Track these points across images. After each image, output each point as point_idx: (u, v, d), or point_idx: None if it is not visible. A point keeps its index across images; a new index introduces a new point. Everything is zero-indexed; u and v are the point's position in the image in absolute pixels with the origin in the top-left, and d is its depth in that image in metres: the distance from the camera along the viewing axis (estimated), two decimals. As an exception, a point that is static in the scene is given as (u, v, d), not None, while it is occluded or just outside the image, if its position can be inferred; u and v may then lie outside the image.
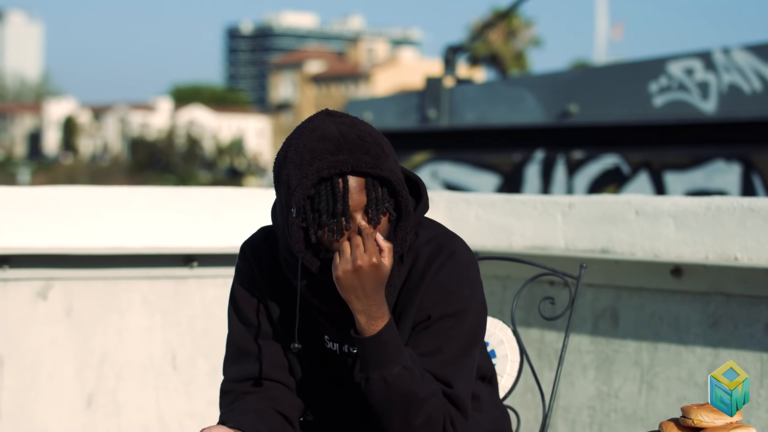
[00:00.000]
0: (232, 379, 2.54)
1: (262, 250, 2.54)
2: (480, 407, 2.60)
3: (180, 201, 4.35)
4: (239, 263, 2.58)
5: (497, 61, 56.23)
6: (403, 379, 2.34)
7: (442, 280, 2.45)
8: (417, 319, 2.44)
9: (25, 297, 4.10)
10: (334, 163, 2.34)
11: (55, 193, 4.18)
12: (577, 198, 4.13)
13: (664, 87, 10.65)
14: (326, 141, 2.36)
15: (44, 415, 4.12)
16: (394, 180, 2.37)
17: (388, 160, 2.38)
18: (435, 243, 2.48)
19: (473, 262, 2.51)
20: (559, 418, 4.12)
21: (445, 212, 4.43)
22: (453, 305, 2.44)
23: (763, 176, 10.20)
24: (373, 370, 2.34)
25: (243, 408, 2.48)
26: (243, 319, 2.54)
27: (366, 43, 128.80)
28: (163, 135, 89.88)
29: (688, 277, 3.79)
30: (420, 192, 2.51)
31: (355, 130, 2.38)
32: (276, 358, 2.51)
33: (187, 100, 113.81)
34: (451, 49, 13.08)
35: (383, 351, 2.33)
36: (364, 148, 2.36)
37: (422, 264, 2.46)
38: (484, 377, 2.63)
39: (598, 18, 66.64)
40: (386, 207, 2.39)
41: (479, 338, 2.50)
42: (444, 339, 2.43)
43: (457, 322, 2.44)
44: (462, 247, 2.50)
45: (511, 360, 2.90)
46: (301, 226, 2.38)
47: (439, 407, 2.40)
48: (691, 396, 3.78)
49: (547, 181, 11.55)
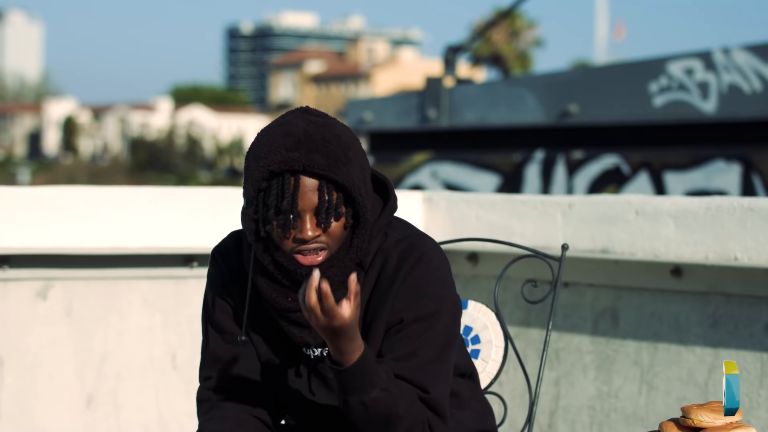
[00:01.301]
0: (208, 386, 2.52)
1: (233, 253, 2.52)
2: (461, 404, 2.57)
3: (180, 201, 4.35)
4: (210, 269, 2.55)
5: (500, 61, 56.26)
6: (383, 401, 2.31)
7: (414, 283, 2.41)
8: (390, 323, 2.41)
9: (25, 297, 4.10)
10: (287, 159, 2.31)
11: (55, 193, 4.18)
12: (577, 198, 4.13)
13: (664, 87, 10.65)
14: (288, 137, 2.33)
15: (44, 415, 4.12)
16: (349, 186, 2.33)
17: (348, 165, 2.34)
18: (405, 244, 2.44)
19: (444, 263, 2.47)
20: (559, 418, 4.12)
21: (445, 212, 4.43)
22: (426, 307, 2.41)
23: (763, 176, 10.20)
24: (351, 395, 2.30)
25: (221, 416, 2.46)
26: (216, 326, 2.51)
27: (366, 43, 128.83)
28: (163, 135, 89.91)
29: (688, 277, 3.79)
30: (388, 193, 2.48)
31: (323, 131, 2.35)
32: (251, 364, 2.49)
33: (187, 100, 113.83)
34: (451, 49, 13.08)
35: (361, 378, 2.29)
36: (324, 150, 2.32)
37: (392, 266, 2.42)
38: (464, 374, 2.60)
39: (598, 18, 66.68)
40: (339, 212, 2.34)
41: (454, 339, 2.46)
42: (418, 342, 2.39)
43: (431, 325, 2.40)
44: (433, 248, 2.46)
45: (496, 345, 2.85)
46: (252, 218, 2.37)
47: (418, 415, 2.37)
48: (691, 396, 3.78)
49: (547, 181, 11.56)
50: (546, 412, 4.14)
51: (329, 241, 2.36)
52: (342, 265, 2.38)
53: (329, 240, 2.36)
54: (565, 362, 4.11)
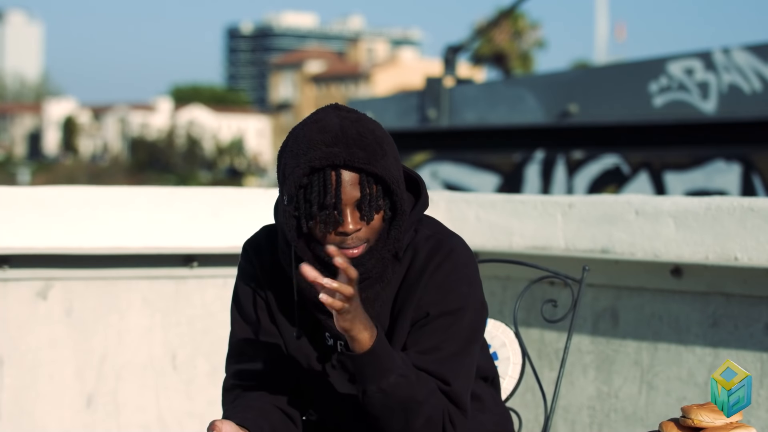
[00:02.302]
0: (235, 376, 2.55)
1: (264, 248, 2.55)
2: (483, 408, 2.60)
3: (180, 201, 4.35)
4: (242, 261, 2.58)
5: (502, 61, 56.28)
6: (401, 386, 2.34)
7: (441, 278, 2.45)
8: (416, 316, 2.44)
9: (25, 297, 4.10)
10: (328, 154, 2.34)
11: (55, 193, 4.18)
12: (577, 198, 4.13)
13: (664, 87, 10.65)
14: (325, 133, 2.36)
15: (44, 415, 4.12)
16: (388, 178, 2.37)
17: (385, 158, 2.38)
18: (434, 240, 2.48)
19: (472, 260, 2.51)
20: (559, 418, 4.12)
21: (445, 212, 4.43)
22: (452, 303, 2.44)
23: (763, 176, 10.20)
24: (370, 382, 2.33)
25: (246, 405, 2.48)
26: (245, 317, 2.54)
27: (366, 43, 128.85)
28: (163, 135, 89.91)
29: (688, 277, 3.79)
30: (420, 190, 2.51)
31: (357, 126, 2.39)
32: (278, 356, 2.52)
33: (187, 100, 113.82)
34: (451, 49, 13.08)
35: (378, 363, 2.32)
36: (361, 144, 2.36)
37: (421, 261, 2.46)
38: (486, 378, 2.63)
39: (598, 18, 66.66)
40: (379, 204, 2.38)
41: (478, 336, 2.50)
42: (443, 337, 2.43)
43: (456, 320, 2.44)
44: (461, 245, 2.50)
45: (513, 362, 2.90)
46: (293, 215, 2.39)
47: (437, 406, 2.39)
48: (691, 396, 3.78)
49: (547, 181, 11.56)
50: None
51: (369, 235, 2.40)
52: (380, 256, 2.42)
53: (369, 233, 2.40)
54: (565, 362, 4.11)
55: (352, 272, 2.24)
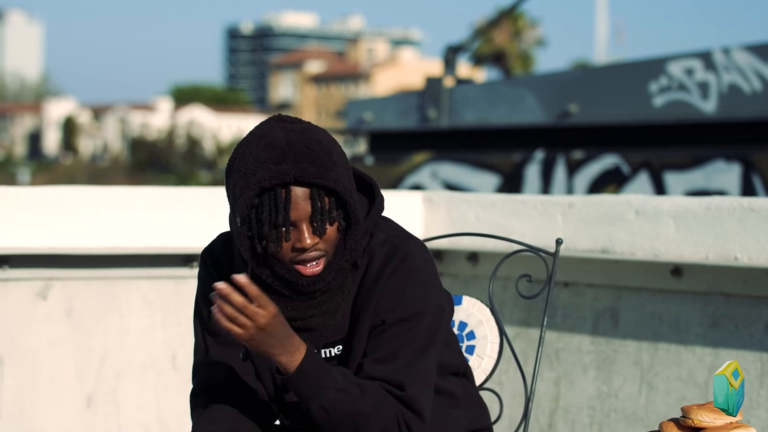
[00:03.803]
0: (202, 387, 2.52)
1: (221, 256, 2.53)
2: (455, 403, 2.58)
3: (180, 201, 4.35)
4: (200, 271, 2.56)
5: (502, 61, 56.28)
6: (341, 401, 2.32)
7: (396, 285, 2.42)
8: (373, 323, 2.42)
9: (25, 297, 4.10)
10: (277, 173, 2.31)
11: (55, 193, 4.18)
12: (577, 198, 4.13)
13: (664, 87, 10.65)
14: (271, 149, 2.33)
15: (44, 415, 4.12)
16: (339, 190, 2.34)
17: (335, 168, 2.35)
18: (389, 245, 2.45)
19: (429, 264, 2.48)
20: (559, 418, 4.12)
21: (445, 212, 4.43)
22: (407, 309, 2.42)
23: (763, 176, 10.20)
24: (310, 401, 2.32)
25: (214, 416, 2.46)
26: (207, 328, 2.51)
27: (366, 43, 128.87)
28: (163, 135, 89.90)
29: (688, 277, 3.79)
30: (374, 193, 2.49)
31: (303, 138, 2.35)
32: (244, 365, 2.49)
33: (187, 100, 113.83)
34: (451, 49, 13.08)
35: (312, 381, 2.30)
36: (310, 157, 2.33)
37: (376, 267, 2.43)
38: (457, 372, 2.61)
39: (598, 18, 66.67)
40: (333, 216, 2.36)
41: (435, 340, 2.46)
42: (399, 344, 2.40)
43: (412, 326, 2.41)
44: (417, 249, 2.47)
45: (491, 341, 2.85)
46: (247, 235, 2.36)
47: (390, 414, 2.37)
48: (691, 396, 3.78)
49: (547, 181, 11.55)
50: (546, 412, 4.15)
51: (326, 247, 2.37)
52: (339, 268, 2.40)
53: (326, 245, 2.37)
54: (565, 362, 4.11)
55: (253, 290, 2.24)
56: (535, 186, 11.61)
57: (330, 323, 2.43)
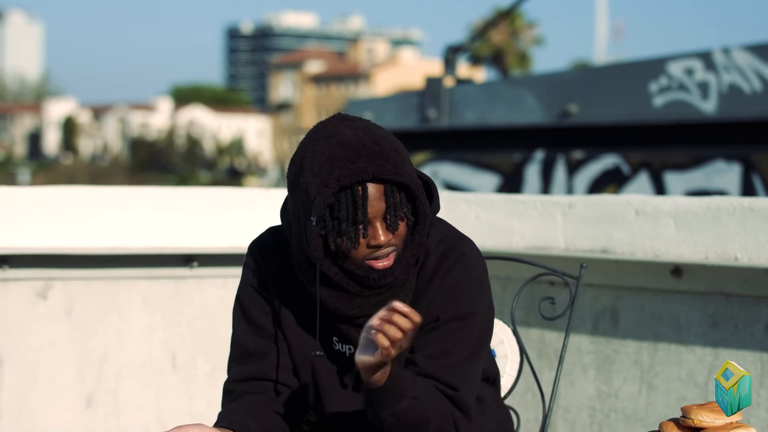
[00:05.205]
0: (235, 378, 2.53)
1: (271, 250, 2.53)
2: (484, 409, 2.59)
3: (180, 201, 4.35)
4: (247, 262, 2.56)
5: (500, 61, 56.30)
6: (414, 409, 2.32)
7: (451, 283, 2.44)
8: (425, 320, 2.42)
9: (25, 297, 4.10)
10: (355, 171, 2.31)
11: (55, 193, 4.18)
12: (577, 198, 4.13)
13: (664, 87, 10.65)
14: (344, 147, 2.33)
15: (44, 415, 4.12)
16: (412, 185, 2.36)
17: (406, 165, 2.37)
18: (445, 244, 2.47)
19: (482, 264, 2.50)
20: (559, 418, 4.12)
21: (445, 212, 4.43)
22: (462, 308, 2.43)
23: (763, 176, 10.20)
24: (383, 408, 2.30)
25: (238, 407, 2.47)
26: (249, 319, 2.52)
27: (366, 43, 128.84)
28: (163, 135, 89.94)
29: (688, 277, 3.79)
30: (431, 192, 2.50)
31: (371, 136, 2.36)
32: (280, 360, 2.50)
33: (187, 100, 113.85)
34: (451, 49, 13.08)
35: (392, 392, 2.30)
36: (383, 155, 2.34)
37: (432, 265, 2.45)
38: (488, 378, 2.63)
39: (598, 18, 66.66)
40: (404, 212, 2.37)
41: (487, 341, 2.49)
42: (452, 342, 2.42)
43: (466, 325, 2.43)
44: (472, 249, 2.49)
45: (511, 360, 2.90)
46: (320, 233, 2.35)
47: (446, 416, 2.39)
48: (691, 396, 3.78)
49: (547, 181, 11.55)
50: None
51: (397, 242, 2.38)
52: (406, 262, 2.42)
53: (397, 240, 2.38)
54: (565, 362, 4.11)
55: (416, 318, 2.19)
56: (535, 186, 11.60)
57: None
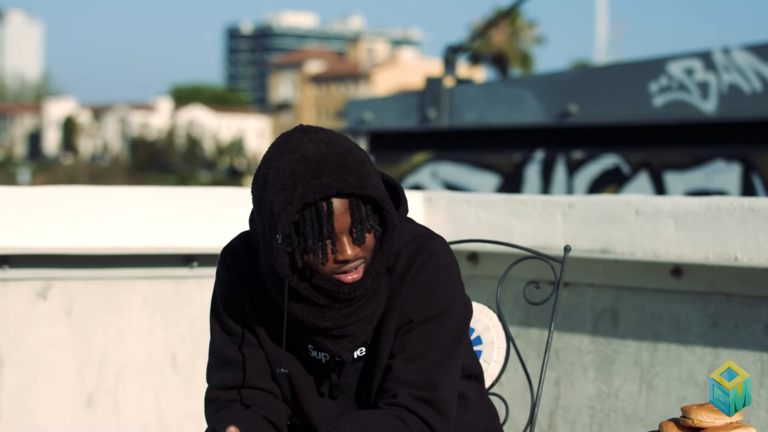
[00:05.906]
0: (217, 387, 2.52)
1: (242, 256, 2.50)
2: (468, 407, 2.58)
3: (180, 201, 4.35)
4: (219, 270, 2.53)
5: (500, 61, 56.30)
6: None
7: (422, 283, 2.42)
8: (399, 323, 2.42)
9: (25, 297, 4.10)
10: (318, 187, 2.28)
11: (55, 193, 4.18)
12: (577, 198, 4.13)
13: (664, 87, 10.65)
14: (306, 163, 2.30)
15: (44, 415, 4.12)
16: (378, 197, 2.33)
17: (370, 176, 2.33)
18: (414, 244, 2.44)
19: (453, 262, 2.48)
20: (559, 418, 4.12)
21: (445, 212, 4.43)
22: (434, 308, 2.41)
23: (763, 176, 10.20)
24: None
25: (234, 415, 2.46)
26: (225, 327, 2.51)
27: (366, 43, 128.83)
28: (163, 135, 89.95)
29: (688, 277, 3.79)
30: (398, 195, 2.48)
31: (333, 149, 2.32)
32: (259, 366, 2.49)
33: (187, 100, 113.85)
34: (451, 49, 13.08)
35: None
36: (346, 168, 2.30)
37: (402, 266, 2.43)
38: (471, 375, 2.61)
39: (598, 18, 66.67)
40: (371, 224, 2.34)
41: (462, 339, 2.48)
42: (427, 342, 2.41)
43: (439, 325, 2.41)
44: (441, 247, 2.47)
45: (498, 347, 2.86)
46: (286, 250, 2.33)
47: None
48: (691, 396, 3.78)
49: (547, 181, 11.55)
50: (546, 412, 4.14)
51: (366, 254, 2.36)
52: (376, 273, 2.40)
53: (365, 253, 2.36)
54: (565, 362, 4.11)
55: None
56: (535, 186, 11.60)
57: (367, 329, 2.41)
